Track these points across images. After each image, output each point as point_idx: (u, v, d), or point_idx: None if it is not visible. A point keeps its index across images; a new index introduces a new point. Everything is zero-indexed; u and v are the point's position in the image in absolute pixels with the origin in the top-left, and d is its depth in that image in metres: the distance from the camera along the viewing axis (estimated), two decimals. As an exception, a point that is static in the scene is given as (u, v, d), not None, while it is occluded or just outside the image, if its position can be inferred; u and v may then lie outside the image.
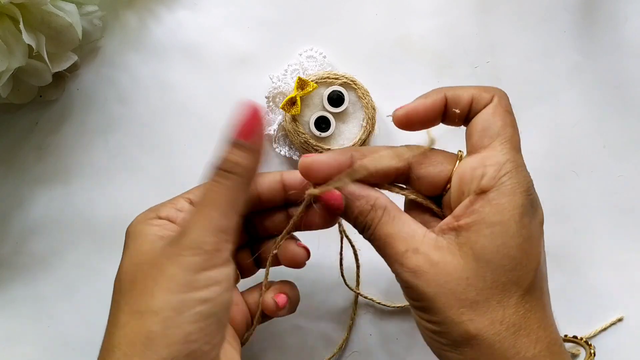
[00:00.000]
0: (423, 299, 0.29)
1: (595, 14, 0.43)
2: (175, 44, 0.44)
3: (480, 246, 0.28)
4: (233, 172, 0.28)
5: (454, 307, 0.28)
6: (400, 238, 0.30)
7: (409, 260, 0.29)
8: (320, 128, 0.41)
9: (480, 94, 0.31)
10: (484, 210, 0.29)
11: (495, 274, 0.28)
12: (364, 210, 0.31)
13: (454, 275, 0.28)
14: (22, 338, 0.44)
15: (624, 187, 0.43)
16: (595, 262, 0.43)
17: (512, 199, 0.29)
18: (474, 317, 0.28)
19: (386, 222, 0.30)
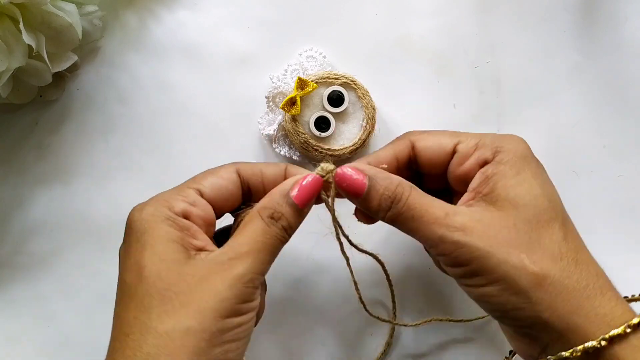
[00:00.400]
0: (478, 258, 0.29)
1: (595, 14, 0.43)
2: (175, 44, 0.44)
3: (513, 195, 0.30)
4: (286, 229, 0.31)
5: (513, 254, 0.28)
6: (437, 205, 0.30)
7: (454, 220, 0.29)
8: (320, 128, 0.41)
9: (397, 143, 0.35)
10: (500, 170, 0.31)
11: (536, 213, 0.30)
12: (391, 186, 0.31)
13: (502, 225, 0.29)
14: (22, 338, 0.44)
15: (624, 187, 0.43)
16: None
17: (517, 152, 0.31)
18: (536, 259, 0.28)
19: (418, 194, 0.31)
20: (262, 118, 0.42)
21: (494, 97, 0.43)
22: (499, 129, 0.43)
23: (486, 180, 0.31)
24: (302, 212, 0.31)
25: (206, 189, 0.32)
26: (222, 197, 0.33)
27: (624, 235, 0.43)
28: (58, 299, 0.44)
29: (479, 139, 0.32)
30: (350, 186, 0.31)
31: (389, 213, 0.31)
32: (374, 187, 0.31)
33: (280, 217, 0.31)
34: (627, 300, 0.35)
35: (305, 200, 0.31)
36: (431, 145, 0.33)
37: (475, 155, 0.32)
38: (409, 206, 0.30)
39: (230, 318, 0.28)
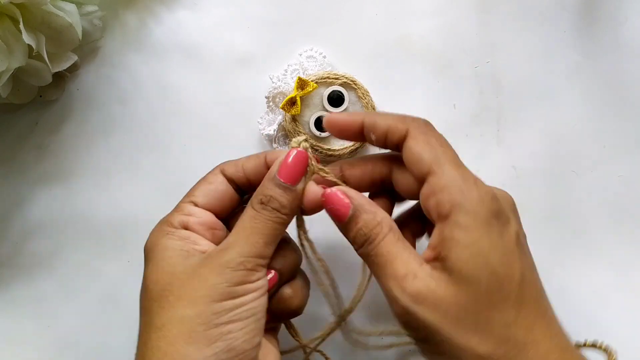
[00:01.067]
0: (425, 328, 0.28)
1: (596, 14, 0.43)
2: (175, 44, 0.44)
3: (466, 270, 0.28)
4: (278, 210, 0.31)
5: (459, 333, 0.28)
6: (402, 260, 0.29)
7: (410, 284, 0.29)
8: (320, 128, 0.41)
9: (395, 125, 0.31)
10: (454, 236, 0.28)
11: (489, 294, 0.28)
12: (370, 223, 0.30)
13: (452, 301, 0.28)
14: (23, 338, 0.44)
15: (624, 187, 0.43)
16: (595, 262, 0.43)
17: (476, 216, 0.28)
18: (481, 341, 0.28)
19: (391, 241, 0.30)
20: (262, 118, 0.42)
21: (493, 97, 0.43)
22: (499, 129, 0.43)
23: (442, 241, 0.29)
24: (293, 189, 0.31)
25: (198, 197, 0.34)
26: (217, 200, 0.34)
27: (623, 235, 0.43)
28: (58, 299, 0.44)
29: (447, 181, 0.29)
30: (333, 210, 0.31)
31: (360, 250, 0.31)
32: (355, 218, 0.31)
33: (269, 199, 0.31)
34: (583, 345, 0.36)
35: (293, 175, 0.31)
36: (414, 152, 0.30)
37: (437, 198, 0.29)
38: (377, 253, 0.30)
39: (226, 301, 0.29)
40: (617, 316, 0.43)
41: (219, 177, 0.34)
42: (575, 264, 0.43)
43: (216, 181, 0.34)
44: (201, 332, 0.28)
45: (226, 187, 0.34)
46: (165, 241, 0.32)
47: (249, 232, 0.31)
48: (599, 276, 0.43)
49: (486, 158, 0.43)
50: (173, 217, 0.33)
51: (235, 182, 0.34)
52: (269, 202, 0.31)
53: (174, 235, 0.32)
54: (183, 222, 0.33)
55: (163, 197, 0.44)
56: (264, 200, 0.31)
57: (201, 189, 0.34)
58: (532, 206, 0.43)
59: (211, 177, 0.34)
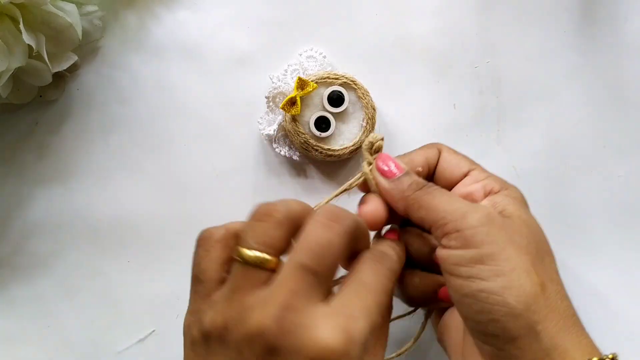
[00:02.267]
0: (491, 244, 0.28)
1: (595, 14, 0.43)
2: (175, 44, 0.44)
3: (524, 218, 0.31)
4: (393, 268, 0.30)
5: (523, 258, 0.29)
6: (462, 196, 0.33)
7: (479, 205, 0.31)
8: (320, 128, 0.41)
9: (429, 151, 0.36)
10: (508, 200, 0.32)
11: (540, 240, 0.31)
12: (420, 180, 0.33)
13: (517, 232, 0.30)
14: (22, 338, 0.44)
15: (624, 187, 0.43)
16: (595, 262, 0.43)
17: (521, 196, 0.34)
18: (540, 272, 0.29)
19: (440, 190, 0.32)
20: (262, 118, 0.42)
21: (494, 97, 0.43)
22: (499, 129, 0.43)
23: (495, 205, 0.32)
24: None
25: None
26: None
27: (623, 234, 0.43)
28: (58, 299, 0.44)
29: (490, 174, 0.35)
30: (386, 169, 0.33)
31: (418, 191, 0.31)
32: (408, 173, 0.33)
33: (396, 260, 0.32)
34: None
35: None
36: (452, 160, 0.35)
37: (483, 182, 0.34)
38: (436, 188, 0.32)
39: None
40: (617, 316, 0.43)
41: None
42: (575, 264, 0.43)
43: None
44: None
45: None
46: None
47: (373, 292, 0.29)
48: (599, 276, 0.43)
49: (486, 158, 0.43)
50: None
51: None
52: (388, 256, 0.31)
53: None
54: None
55: (163, 197, 0.44)
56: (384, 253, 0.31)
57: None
58: (532, 206, 0.43)
59: None
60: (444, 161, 0.35)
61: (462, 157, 0.36)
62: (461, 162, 0.35)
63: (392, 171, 0.33)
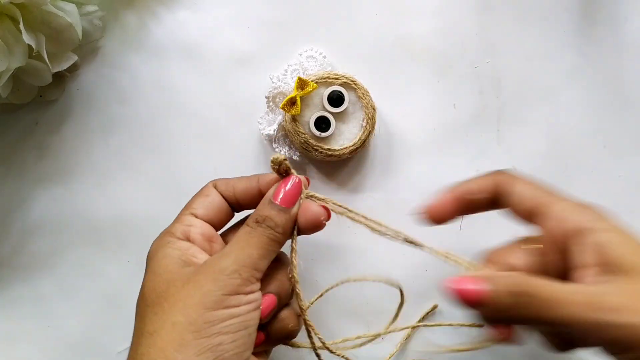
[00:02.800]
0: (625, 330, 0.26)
1: (596, 14, 0.43)
2: (175, 44, 0.44)
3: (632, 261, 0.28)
4: (273, 229, 0.32)
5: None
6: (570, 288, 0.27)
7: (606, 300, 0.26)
8: (320, 128, 0.41)
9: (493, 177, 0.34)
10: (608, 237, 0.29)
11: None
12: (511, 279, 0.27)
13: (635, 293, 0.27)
14: (22, 338, 0.44)
15: (624, 187, 0.43)
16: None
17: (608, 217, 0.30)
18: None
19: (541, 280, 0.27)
20: (262, 118, 0.42)
21: (493, 97, 0.43)
22: (499, 129, 0.43)
23: (597, 249, 0.28)
24: (288, 211, 0.33)
25: (198, 209, 0.35)
26: (214, 213, 0.36)
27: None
28: (58, 299, 0.44)
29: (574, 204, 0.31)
30: (467, 297, 0.27)
31: (514, 311, 0.26)
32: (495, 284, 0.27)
33: (265, 219, 0.33)
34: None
35: (290, 199, 0.33)
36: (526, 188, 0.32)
37: (573, 219, 0.30)
38: (538, 293, 0.26)
39: (218, 310, 0.29)
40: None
41: (214, 191, 0.36)
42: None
43: (212, 194, 0.36)
44: (192, 341, 0.29)
45: (221, 201, 0.36)
46: (165, 250, 0.33)
47: (244, 244, 0.32)
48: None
49: (486, 158, 0.43)
50: (175, 228, 0.34)
51: (225, 199, 0.36)
52: (264, 221, 0.33)
53: (174, 245, 0.33)
54: (184, 232, 0.34)
55: (163, 197, 0.44)
56: (259, 219, 0.33)
57: (199, 201, 0.36)
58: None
59: (207, 190, 0.36)
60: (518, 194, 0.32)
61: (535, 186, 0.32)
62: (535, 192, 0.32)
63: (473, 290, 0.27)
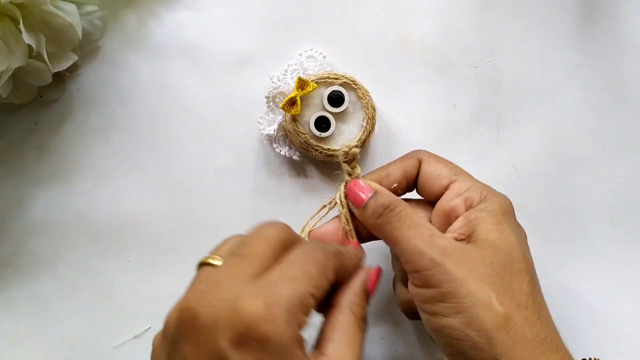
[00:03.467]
0: (449, 282, 0.29)
1: (595, 14, 0.43)
2: (175, 44, 0.44)
3: (492, 238, 0.31)
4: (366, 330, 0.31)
5: (484, 290, 0.29)
6: (424, 225, 0.32)
7: (438, 240, 0.30)
8: (320, 128, 0.41)
9: (407, 162, 0.36)
10: (482, 215, 0.32)
11: (511, 260, 0.30)
12: (389, 198, 0.33)
13: (479, 260, 0.30)
14: (23, 338, 0.44)
15: (625, 187, 0.43)
16: (595, 261, 0.43)
17: (501, 205, 0.33)
18: (504, 301, 0.29)
19: (409, 210, 0.32)
20: (262, 118, 0.42)
21: (493, 97, 0.43)
22: (499, 129, 0.43)
23: (468, 223, 0.32)
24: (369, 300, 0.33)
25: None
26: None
27: (624, 234, 0.43)
28: (58, 299, 0.44)
29: (472, 183, 0.34)
30: (355, 194, 0.34)
31: (378, 219, 0.32)
32: (375, 196, 0.33)
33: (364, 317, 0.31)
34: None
35: (374, 288, 0.33)
36: (432, 171, 0.35)
37: (464, 195, 0.33)
38: (399, 217, 0.32)
39: None
40: (617, 315, 0.43)
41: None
42: (576, 264, 0.43)
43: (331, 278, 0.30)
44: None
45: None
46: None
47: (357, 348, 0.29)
48: (599, 276, 0.43)
49: (486, 158, 0.43)
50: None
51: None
52: (362, 319, 0.31)
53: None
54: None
55: (163, 196, 0.44)
56: (365, 318, 0.31)
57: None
58: (532, 206, 0.43)
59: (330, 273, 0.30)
60: (424, 173, 0.35)
61: (443, 166, 0.35)
62: (441, 172, 0.34)
63: (360, 197, 0.34)
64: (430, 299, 0.30)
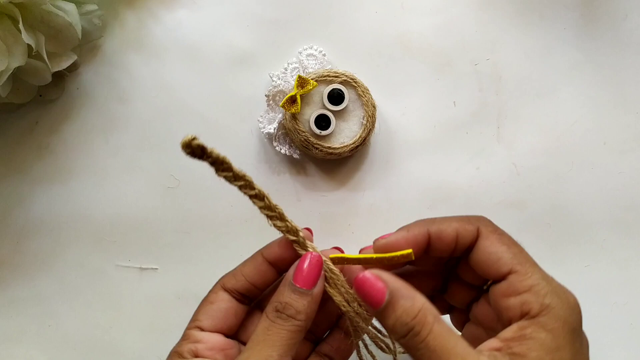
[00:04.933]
0: None
1: (595, 11, 0.43)
2: (174, 43, 0.44)
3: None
4: (294, 317, 0.30)
5: None
6: (460, 352, 0.27)
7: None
8: (321, 126, 0.41)
9: (464, 228, 0.31)
10: (539, 337, 0.27)
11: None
12: (410, 311, 0.27)
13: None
14: (23, 338, 0.43)
15: (625, 184, 0.43)
16: (595, 258, 0.43)
17: (566, 322, 0.28)
18: None
19: (440, 333, 0.27)
20: (263, 116, 0.42)
21: (493, 95, 0.43)
22: (499, 126, 0.43)
23: (520, 339, 0.28)
24: (309, 293, 0.31)
25: (203, 321, 0.33)
26: (222, 320, 0.33)
27: (624, 231, 0.43)
28: (58, 299, 0.44)
29: (534, 282, 0.29)
30: (367, 295, 0.28)
31: (402, 340, 0.28)
32: (392, 305, 0.28)
33: (285, 306, 0.30)
34: None
35: (309, 279, 0.31)
36: (491, 253, 0.30)
37: (522, 297, 0.29)
38: (428, 345, 0.27)
39: None
40: (618, 313, 0.43)
41: (221, 295, 0.33)
42: (576, 260, 0.43)
43: (218, 299, 0.33)
44: None
45: (229, 304, 0.33)
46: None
47: (262, 346, 0.29)
48: (600, 272, 0.43)
49: (486, 155, 0.43)
50: (182, 347, 0.32)
51: (241, 292, 0.33)
52: (284, 309, 0.30)
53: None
54: (192, 351, 0.32)
55: (163, 196, 0.44)
56: (279, 307, 0.30)
57: (204, 311, 0.33)
58: (533, 203, 0.43)
59: (212, 296, 0.33)
60: (482, 252, 0.30)
61: (505, 250, 0.30)
62: (502, 257, 0.29)
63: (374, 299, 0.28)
64: None
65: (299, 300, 0.30)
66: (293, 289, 0.30)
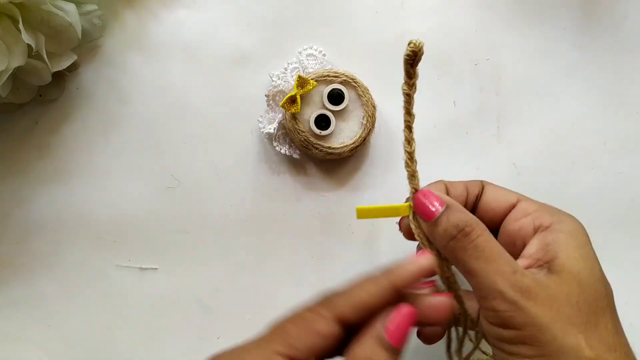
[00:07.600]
0: (533, 326, 0.27)
1: (595, 11, 0.43)
2: (174, 43, 0.44)
3: (577, 270, 0.28)
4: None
5: (571, 333, 0.27)
6: (506, 258, 0.28)
7: (520, 279, 0.27)
8: (320, 126, 0.41)
9: (471, 183, 0.34)
10: (560, 238, 0.29)
11: (596, 296, 0.28)
12: (464, 219, 0.29)
13: (566, 300, 0.27)
14: (23, 338, 0.43)
15: (624, 184, 0.43)
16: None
17: (578, 226, 0.31)
18: (593, 344, 0.27)
19: (490, 239, 0.29)
20: (262, 116, 0.42)
21: (493, 95, 0.43)
22: (499, 126, 0.43)
23: (545, 247, 0.29)
24: (398, 352, 0.27)
25: (298, 352, 0.27)
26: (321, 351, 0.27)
27: (624, 231, 0.43)
28: (58, 299, 0.44)
29: (540, 205, 0.32)
30: (425, 205, 0.30)
31: (451, 242, 0.29)
32: (448, 214, 0.30)
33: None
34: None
35: (403, 340, 0.27)
36: (497, 192, 0.34)
37: (533, 215, 0.31)
38: (476, 245, 0.28)
39: None
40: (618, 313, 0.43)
41: (331, 326, 0.27)
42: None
43: (327, 335, 0.27)
44: None
45: (337, 334, 0.27)
46: None
47: None
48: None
49: (486, 155, 0.43)
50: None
51: (352, 322, 0.28)
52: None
53: None
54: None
55: (163, 196, 0.44)
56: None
57: (305, 340, 0.27)
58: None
59: (322, 325, 0.27)
60: (489, 194, 0.34)
61: (507, 191, 0.34)
62: (508, 193, 0.33)
63: (430, 210, 0.30)
64: (509, 340, 0.28)
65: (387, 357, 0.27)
66: (387, 347, 0.27)
